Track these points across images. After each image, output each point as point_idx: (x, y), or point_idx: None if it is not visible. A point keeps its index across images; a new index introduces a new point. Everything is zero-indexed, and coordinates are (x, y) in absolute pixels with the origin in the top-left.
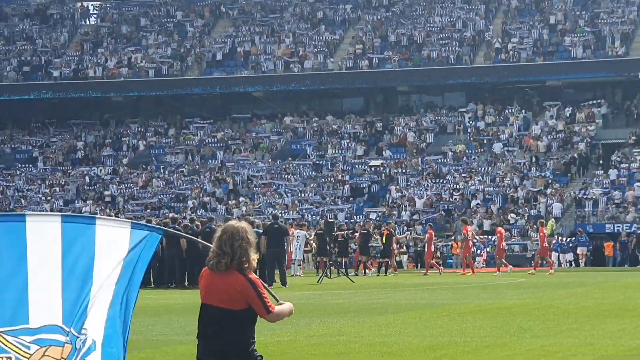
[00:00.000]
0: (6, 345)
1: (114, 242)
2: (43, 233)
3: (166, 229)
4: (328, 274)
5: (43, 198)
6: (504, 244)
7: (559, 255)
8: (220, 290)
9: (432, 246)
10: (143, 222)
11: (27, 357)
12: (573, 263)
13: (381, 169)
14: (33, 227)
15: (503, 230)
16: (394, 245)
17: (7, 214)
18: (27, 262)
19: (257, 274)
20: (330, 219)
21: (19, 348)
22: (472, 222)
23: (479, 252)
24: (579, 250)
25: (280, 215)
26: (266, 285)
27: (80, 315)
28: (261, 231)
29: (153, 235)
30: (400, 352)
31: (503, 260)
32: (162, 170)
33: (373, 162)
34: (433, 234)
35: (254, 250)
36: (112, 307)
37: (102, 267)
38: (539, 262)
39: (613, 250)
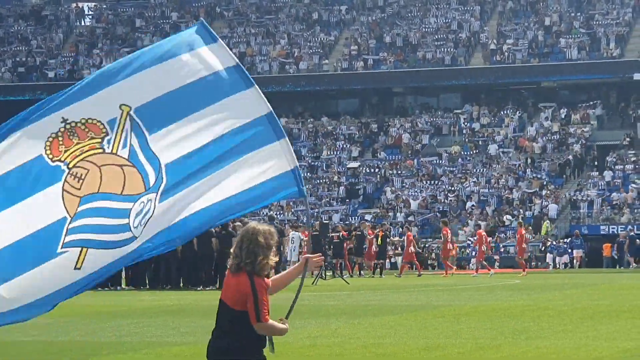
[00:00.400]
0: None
1: (269, 163)
2: (244, 105)
3: (305, 195)
4: (323, 275)
5: None
6: (484, 246)
7: (554, 258)
8: (231, 289)
9: (411, 247)
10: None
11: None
12: (568, 265)
13: (360, 169)
14: (247, 95)
15: (484, 233)
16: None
17: (246, 74)
18: (209, 105)
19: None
20: (325, 220)
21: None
22: (467, 224)
23: (474, 253)
24: (575, 253)
25: (275, 216)
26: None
27: (180, 180)
28: None
29: (295, 190)
30: (395, 354)
31: (483, 262)
32: None
33: (351, 164)
34: (411, 235)
35: (271, 252)
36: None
37: (238, 168)
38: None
39: (611, 251)
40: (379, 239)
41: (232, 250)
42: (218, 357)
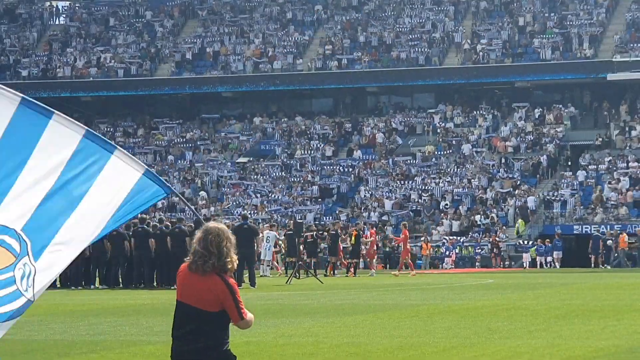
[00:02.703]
0: None
1: (120, 178)
2: (59, 137)
3: (172, 189)
4: (297, 274)
5: None
6: (409, 245)
7: (536, 258)
8: (198, 291)
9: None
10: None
11: None
12: (551, 264)
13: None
14: (54, 127)
15: (407, 232)
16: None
17: (38, 104)
18: (29, 157)
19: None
20: (299, 219)
21: None
22: (442, 223)
23: (447, 253)
24: (555, 255)
25: (249, 215)
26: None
27: (45, 231)
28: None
29: (158, 190)
30: (368, 353)
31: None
32: None
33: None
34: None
35: (235, 251)
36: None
37: (95, 196)
38: (403, 264)
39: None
40: (353, 238)
41: (198, 248)
42: (193, 357)
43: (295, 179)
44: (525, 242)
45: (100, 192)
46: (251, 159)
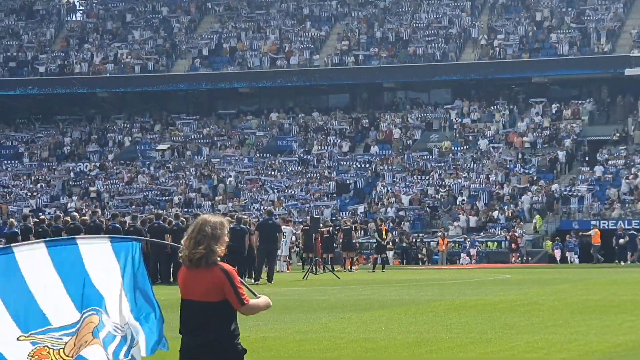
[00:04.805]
0: (40, 340)
1: (101, 256)
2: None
3: (141, 238)
4: (314, 270)
5: (29, 194)
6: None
7: (553, 252)
8: (198, 283)
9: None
10: (127, 218)
11: (62, 345)
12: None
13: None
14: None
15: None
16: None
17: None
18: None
19: (236, 267)
20: (316, 215)
21: (52, 340)
22: (458, 219)
23: (464, 248)
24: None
25: (273, 211)
26: (243, 280)
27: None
28: (251, 228)
29: (134, 244)
30: (385, 348)
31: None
32: (147, 166)
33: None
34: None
35: (222, 242)
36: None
37: (101, 281)
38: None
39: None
40: (383, 232)
41: (185, 244)
42: (201, 350)
43: (312, 175)
44: (545, 239)
45: (99, 277)
46: (268, 154)
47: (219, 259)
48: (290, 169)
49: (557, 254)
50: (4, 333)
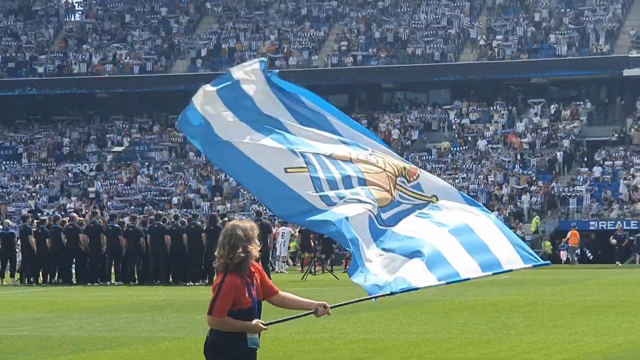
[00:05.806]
0: None
1: None
2: None
3: None
4: (312, 270)
5: (28, 194)
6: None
7: (551, 252)
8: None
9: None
10: (126, 219)
11: None
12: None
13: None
14: None
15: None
16: None
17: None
18: None
19: None
20: None
21: None
22: None
23: None
24: (562, 255)
25: (262, 211)
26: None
27: None
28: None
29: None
30: (384, 349)
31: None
32: (146, 167)
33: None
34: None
35: (252, 243)
36: None
37: None
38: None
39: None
40: None
41: (219, 252)
42: (207, 349)
43: None
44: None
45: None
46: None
47: (242, 260)
48: None
49: (563, 255)
50: None
